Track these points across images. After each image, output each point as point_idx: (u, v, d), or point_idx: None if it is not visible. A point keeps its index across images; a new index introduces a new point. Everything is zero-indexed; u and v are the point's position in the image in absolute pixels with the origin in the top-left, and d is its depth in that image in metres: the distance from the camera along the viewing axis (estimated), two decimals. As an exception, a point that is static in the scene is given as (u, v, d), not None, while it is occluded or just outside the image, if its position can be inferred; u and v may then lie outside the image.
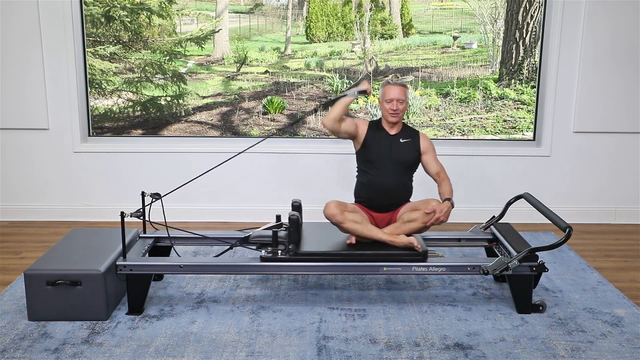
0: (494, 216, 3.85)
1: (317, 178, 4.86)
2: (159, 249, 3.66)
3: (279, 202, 4.93)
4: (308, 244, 3.38)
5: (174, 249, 3.62)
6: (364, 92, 3.40)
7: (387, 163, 3.45)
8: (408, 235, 3.35)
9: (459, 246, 3.79)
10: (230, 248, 3.46)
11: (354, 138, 3.51)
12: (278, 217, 3.58)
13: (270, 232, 3.35)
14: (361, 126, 3.51)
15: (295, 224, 3.28)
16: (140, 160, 4.86)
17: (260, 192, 4.92)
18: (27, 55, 4.64)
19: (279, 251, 3.28)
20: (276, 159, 4.89)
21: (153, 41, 4.86)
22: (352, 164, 3.66)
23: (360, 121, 3.54)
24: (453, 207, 3.36)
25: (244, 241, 3.50)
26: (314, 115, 4.87)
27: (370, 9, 4.92)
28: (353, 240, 3.36)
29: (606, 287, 3.65)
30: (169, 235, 3.60)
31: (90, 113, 4.87)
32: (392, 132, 3.51)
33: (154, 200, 3.36)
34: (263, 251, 3.29)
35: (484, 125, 4.97)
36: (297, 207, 3.54)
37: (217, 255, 3.44)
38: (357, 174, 3.58)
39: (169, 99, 4.94)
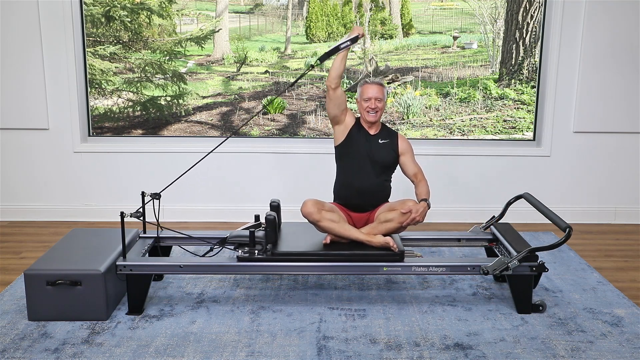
0: (494, 216, 3.85)
1: (317, 178, 4.86)
2: (160, 249, 3.66)
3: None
4: (286, 243, 3.38)
5: (159, 248, 3.61)
6: (355, 39, 3.35)
7: (366, 163, 3.45)
8: (385, 235, 3.35)
9: (459, 246, 3.79)
10: (211, 249, 3.46)
11: (340, 122, 3.48)
12: (257, 217, 3.57)
13: (247, 232, 3.35)
14: (350, 115, 3.51)
15: (272, 224, 3.28)
16: (140, 160, 4.86)
17: (260, 192, 4.91)
18: (27, 55, 4.64)
19: (256, 251, 3.28)
20: (277, 159, 4.89)
21: (153, 41, 4.86)
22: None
23: (350, 112, 3.54)
24: (429, 208, 3.36)
25: (224, 241, 3.49)
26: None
27: (370, 9, 4.92)
28: (328, 240, 3.37)
29: (606, 287, 3.65)
30: (158, 235, 3.60)
31: (90, 113, 4.87)
32: (372, 132, 3.51)
33: (152, 199, 3.35)
34: (240, 251, 3.29)
35: (484, 125, 4.97)
36: (275, 206, 3.55)
37: (202, 255, 3.44)
38: (336, 172, 3.58)
39: (169, 99, 4.94)
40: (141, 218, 3.32)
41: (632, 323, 3.20)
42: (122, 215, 3.15)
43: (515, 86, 4.93)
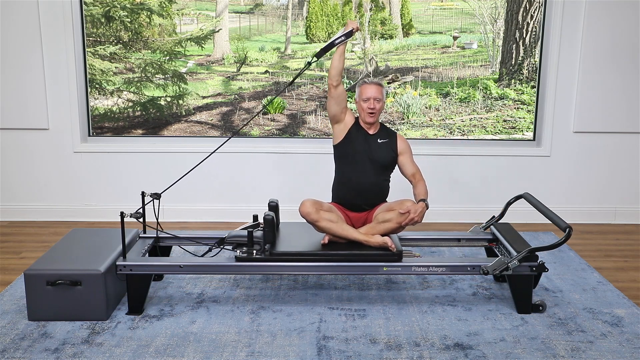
0: (494, 216, 3.86)
1: (317, 178, 4.86)
2: (159, 249, 3.66)
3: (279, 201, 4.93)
4: (284, 243, 3.38)
5: (158, 248, 3.61)
6: (350, 34, 3.35)
7: (365, 162, 3.46)
8: (383, 235, 3.35)
9: (459, 246, 3.78)
10: (210, 250, 3.47)
11: (339, 121, 3.48)
12: (255, 217, 3.58)
13: (245, 232, 3.35)
14: (350, 115, 3.51)
15: (271, 224, 3.28)
16: (140, 160, 4.86)
17: (259, 192, 4.91)
18: (27, 55, 4.64)
19: (254, 251, 3.28)
20: (277, 159, 4.89)
21: (153, 41, 4.86)
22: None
23: (350, 111, 3.54)
24: (428, 208, 3.36)
25: (223, 242, 3.49)
26: (312, 115, 4.87)
27: (370, 9, 4.92)
28: (326, 240, 3.37)
29: (606, 287, 3.65)
30: (157, 235, 3.59)
31: (90, 113, 4.87)
32: (371, 131, 3.52)
33: (153, 199, 3.35)
34: (238, 251, 3.29)
35: (484, 125, 4.97)
36: (273, 207, 3.54)
37: (201, 255, 3.45)
38: (334, 172, 3.58)
39: (169, 99, 4.94)
40: (141, 218, 3.32)
41: (632, 323, 3.20)
42: (122, 215, 3.15)
43: (515, 86, 4.93)
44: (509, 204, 3.81)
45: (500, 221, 3.83)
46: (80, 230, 3.76)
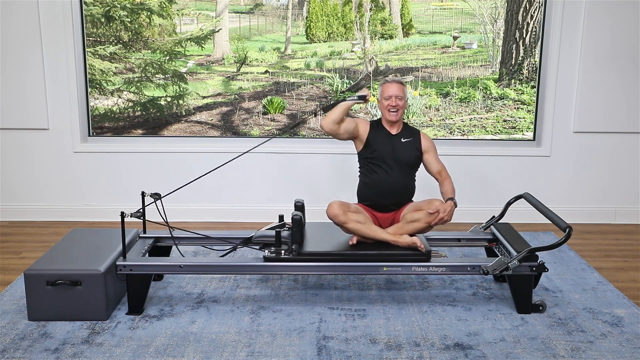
0: (494, 216, 3.86)
1: (317, 178, 4.87)
2: (159, 249, 3.66)
3: (279, 202, 4.93)
4: (311, 244, 3.38)
5: (178, 249, 3.61)
6: (363, 97, 3.40)
7: (390, 163, 3.45)
8: (411, 235, 3.35)
9: (459, 246, 3.79)
10: (234, 249, 3.47)
11: (355, 138, 3.50)
12: (281, 217, 3.58)
13: (273, 232, 3.35)
14: (362, 125, 3.51)
15: (299, 224, 3.28)
16: (140, 160, 4.86)
17: (260, 192, 4.92)
18: (27, 55, 4.64)
19: (282, 251, 3.28)
20: (277, 159, 4.89)
21: (153, 41, 4.86)
22: (353, 163, 3.67)
23: (361, 121, 3.54)
24: (456, 207, 3.36)
25: (248, 241, 3.50)
26: (314, 116, 4.88)
27: (370, 9, 4.92)
28: (355, 240, 3.36)
29: (606, 287, 3.65)
30: (172, 235, 3.59)
31: (90, 113, 4.87)
32: (393, 131, 3.52)
33: (155, 200, 3.35)
34: (266, 251, 3.29)
35: (484, 125, 4.97)
36: (300, 207, 3.54)
37: (222, 255, 3.45)
38: (359, 174, 3.58)
39: (169, 99, 4.94)
40: (141, 218, 3.32)
41: (632, 323, 3.20)
42: (123, 215, 3.15)
43: (515, 86, 4.93)
44: (509, 204, 3.81)
45: (500, 221, 3.83)
46: (80, 230, 3.76)
